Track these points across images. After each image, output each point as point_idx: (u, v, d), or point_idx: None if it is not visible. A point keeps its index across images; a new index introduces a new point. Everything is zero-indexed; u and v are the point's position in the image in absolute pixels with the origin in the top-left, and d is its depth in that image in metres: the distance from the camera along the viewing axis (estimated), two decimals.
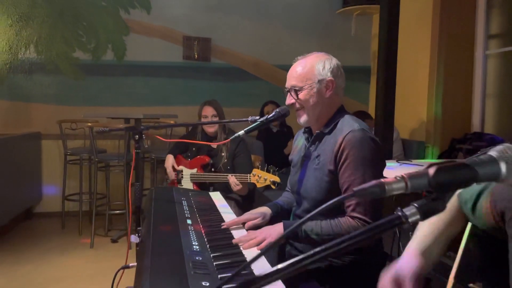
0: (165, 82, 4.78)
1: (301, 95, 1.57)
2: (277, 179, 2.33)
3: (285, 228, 1.46)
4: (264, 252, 0.71)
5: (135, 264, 1.44)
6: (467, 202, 0.92)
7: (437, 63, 3.96)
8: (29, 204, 4.40)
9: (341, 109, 1.63)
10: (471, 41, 3.90)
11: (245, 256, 1.33)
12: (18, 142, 4.04)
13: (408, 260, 0.88)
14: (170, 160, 3.03)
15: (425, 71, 4.07)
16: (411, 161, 2.58)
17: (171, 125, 3.26)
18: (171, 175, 2.98)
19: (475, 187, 0.91)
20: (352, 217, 1.44)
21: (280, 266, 0.55)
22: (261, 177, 2.39)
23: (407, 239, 1.89)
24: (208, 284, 1.07)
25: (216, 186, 2.86)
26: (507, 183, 0.55)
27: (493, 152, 0.56)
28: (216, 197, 2.14)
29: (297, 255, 1.63)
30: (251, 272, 1.18)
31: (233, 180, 2.61)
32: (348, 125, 1.52)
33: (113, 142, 4.59)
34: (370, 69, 5.13)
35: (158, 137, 2.22)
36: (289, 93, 1.62)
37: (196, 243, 1.37)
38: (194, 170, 2.94)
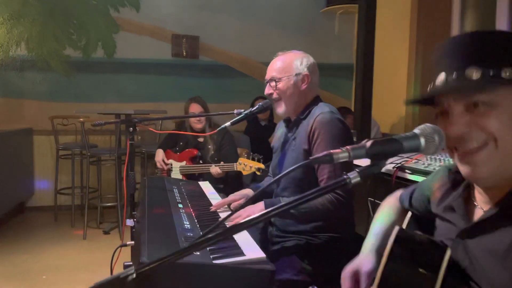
0: (154, 79, 4.91)
1: (280, 85, 1.74)
2: (261, 165, 2.50)
3: (265, 205, 1.63)
4: (250, 223, 0.80)
5: (132, 242, 1.60)
6: (405, 201, 1.13)
7: (415, 61, 4.16)
8: (21, 199, 4.50)
9: (316, 98, 1.80)
10: (446, 38, 4.10)
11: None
12: (10, 138, 4.14)
13: (365, 258, 1.03)
14: (160, 154, 3.18)
15: (404, 69, 4.27)
16: None
17: (163, 118, 3.41)
18: (162, 168, 3.13)
19: (409, 190, 1.12)
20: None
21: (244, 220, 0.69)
22: (247, 165, 2.55)
23: None
24: (198, 253, 1.23)
25: (204, 177, 3.02)
26: (427, 154, 0.73)
27: (416, 129, 0.73)
28: (205, 185, 2.30)
29: (278, 235, 1.81)
30: (237, 245, 1.35)
31: (215, 170, 2.81)
32: (319, 109, 1.70)
33: (103, 137, 4.71)
34: (353, 66, 5.32)
35: (151, 129, 2.36)
36: (268, 84, 1.79)
37: (187, 223, 1.53)
38: (183, 163, 3.09)
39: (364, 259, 1.03)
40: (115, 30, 4.78)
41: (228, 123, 1.74)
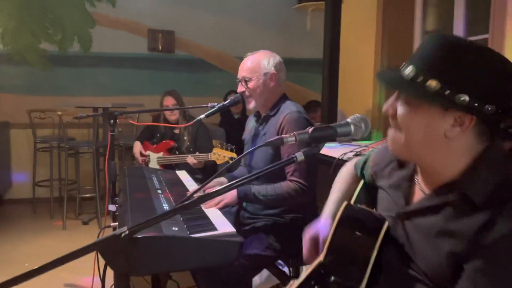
0: (130, 73, 5.01)
1: (250, 85, 1.92)
2: (234, 155, 2.66)
3: (238, 191, 1.81)
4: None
5: (116, 224, 1.76)
6: (358, 168, 1.28)
7: (380, 55, 4.40)
8: None
9: (283, 96, 1.99)
10: (410, 36, 4.34)
11: (206, 213, 1.68)
12: None
13: (323, 224, 1.20)
14: (137, 146, 3.31)
15: (371, 64, 4.50)
16: (351, 142, 2.97)
17: (142, 111, 3.52)
18: (139, 159, 3.27)
19: (363, 158, 1.27)
20: (291, 181, 1.81)
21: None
22: (221, 155, 2.72)
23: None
24: (177, 228, 1.41)
25: (180, 167, 3.18)
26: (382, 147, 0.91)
27: (348, 119, 0.92)
28: (182, 174, 2.47)
29: (249, 217, 2.01)
30: (211, 222, 1.53)
31: (191, 160, 2.98)
32: (287, 108, 1.89)
33: (81, 130, 4.78)
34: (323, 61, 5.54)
35: (131, 121, 2.50)
36: (240, 83, 1.97)
37: (166, 205, 1.70)
38: (160, 154, 3.24)
39: (322, 225, 1.19)
40: (91, 24, 4.86)
41: (202, 116, 1.91)
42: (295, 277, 1.94)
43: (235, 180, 0.90)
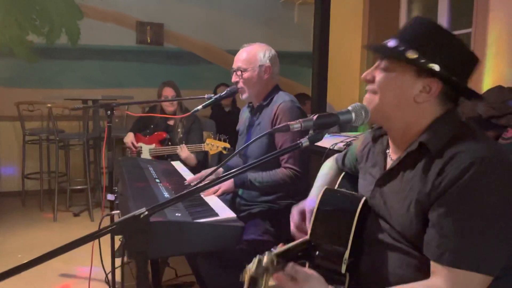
0: (119, 65, 5.01)
1: (245, 75, 1.98)
2: (227, 145, 2.73)
3: (235, 180, 1.88)
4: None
5: (117, 211, 1.81)
6: (339, 161, 1.42)
7: (366, 51, 4.49)
8: None
9: (276, 87, 2.05)
10: (395, 29, 4.43)
11: (206, 200, 1.74)
12: None
13: (309, 200, 1.31)
14: (130, 136, 3.33)
15: (357, 58, 4.60)
16: (341, 133, 3.07)
17: (141, 102, 3.52)
18: (131, 149, 3.28)
19: (343, 152, 1.41)
20: (286, 167, 1.89)
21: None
22: (214, 145, 2.77)
23: None
24: (180, 214, 1.47)
25: (173, 158, 3.23)
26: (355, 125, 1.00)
27: (349, 107, 0.99)
28: (177, 164, 2.52)
29: (245, 204, 2.08)
30: (211, 208, 1.60)
31: (185, 153, 3.01)
32: (281, 98, 1.96)
33: (69, 123, 4.76)
34: (312, 55, 5.61)
35: (128, 112, 2.53)
36: (235, 73, 2.03)
37: (166, 193, 1.76)
38: (153, 146, 3.28)
39: (308, 201, 1.31)
40: (79, 16, 4.83)
41: (200, 106, 1.97)
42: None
43: (236, 169, 0.96)
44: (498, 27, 2.91)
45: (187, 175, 2.22)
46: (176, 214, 1.46)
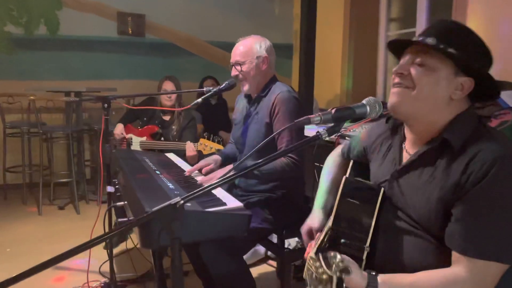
0: (100, 57, 4.94)
1: (244, 68, 2.04)
2: (221, 147, 2.74)
3: (234, 167, 1.93)
4: (224, 180, 1.07)
5: (123, 203, 1.84)
6: (345, 152, 1.49)
7: (348, 43, 4.60)
8: None
9: (273, 78, 2.12)
10: (375, 24, 4.57)
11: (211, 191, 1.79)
12: None
13: (315, 217, 1.38)
14: (119, 127, 3.31)
15: (339, 50, 4.70)
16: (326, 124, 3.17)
17: (138, 95, 3.44)
18: (120, 139, 3.25)
19: (347, 143, 1.47)
20: (286, 157, 1.95)
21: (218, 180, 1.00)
22: (207, 146, 2.79)
23: None
24: (190, 204, 1.51)
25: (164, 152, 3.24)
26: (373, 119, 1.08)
27: (364, 101, 1.07)
28: (172, 156, 2.55)
29: (243, 194, 2.15)
30: (218, 198, 1.65)
31: (190, 151, 2.98)
32: (278, 88, 2.02)
33: (50, 115, 4.69)
34: (292, 46, 5.69)
35: (125, 104, 2.54)
36: (233, 67, 2.08)
37: (170, 184, 1.79)
38: (144, 138, 3.29)
39: (315, 218, 1.38)
40: (58, 6, 4.73)
41: (199, 100, 2.01)
42: (282, 246, 2.11)
43: (251, 165, 1.03)
44: (476, 20, 3.04)
45: (184, 166, 2.27)
46: (187, 204, 1.50)
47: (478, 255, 0.96)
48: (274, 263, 2.88)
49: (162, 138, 3.27)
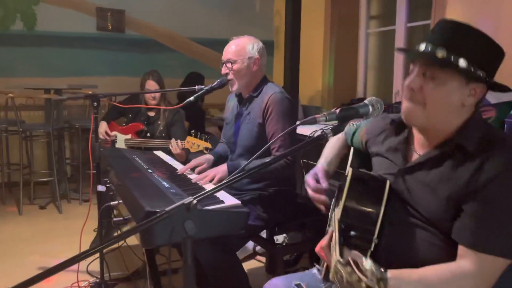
0: (79, 53, 4.85)
1: (235, 67, 2.06)
2: (208, 145, 2.74)
3: (228, 167, 1.96)
4: (227, 183, 1.04)
5: (116, 202, 1.83)
6: (348, 137, 1.51)
7: (329, 40, 4.66)
8: None
9: (264, 78, 2.14)
10: (356, 21, 4.64)
11: (206, 189, 1.81)
12: None
13: (320, 166, 1.45)
14: (103, 125, 3.28)
15: (320, 47, 4.76)
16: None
17: (129, 93, 3.38)
18: (105, 138, 3.21)
19: (352, 128, 1.49)
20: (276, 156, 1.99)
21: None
22: (195, 144, 2.77)
23: None
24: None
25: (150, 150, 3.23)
26: (374, 117, 1.12)
27: (366, 101, 1.10)
28: (161, 154, 2.55)
29: (235, 193, 2.16)
30: (216, 196, 1.67)
31: (175, 149, 2.97)
32: (271, 89, 2.05)
33: (29, 113, 4.59)
34: (273, 43, 5.72)
35: (114, 103, 2.51)
36: (224, 65, 2.09)
37: (165, 183, 1.80)
38: (129, 136, 3.26)
39: (319, 166, 1.45)
40: (35, 1, 4.61)
41: (192, 98, 2.01)
42: (274, 242, 2.14)
43: (258, 164, 1.05)
44: (455, 18, 3.14)
45: (175, 164, 2.27)
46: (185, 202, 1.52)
47: (487, 250, 1.00)
48: (262, 259, 2.92)
49: (148, 135, 3.25)
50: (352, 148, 1.47)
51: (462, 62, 1.04)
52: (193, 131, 2.80)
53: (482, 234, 1.01)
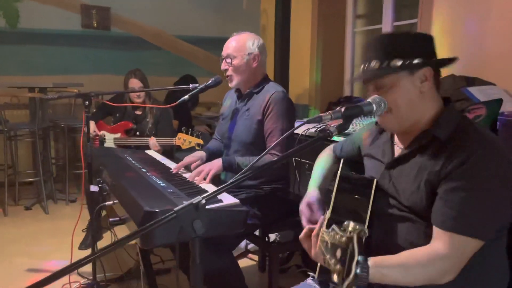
0: (64, 51, 4.76)
1: (234, 62, 2.05)
2: (200, 141, 2.73)
3: (223, 162, 1.95)
4: (234, 182, 1.06)
5: (111, 202, 1.81)
6: (337, 151, 1.58)
7: (316, 39, 4.68)
8: None
9: (266, 77, 2.15)
10: (342, 20, 4.67)
11: (201, 186, 1.80)
12: None
13: (312, 193, 1.46)
14: (91, 125, 3.23)
15: (307, 45, 4.77)
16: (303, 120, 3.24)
17: (120, 92, 3.32)
18: (93, 137, 3.16)
19: (340, 142, 1.58)
20: (271, 154, 1.99)
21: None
22: (186, 140, 2.76)
23: (305, 182, 2.53)
24: (187, 203, 1.52)
25: (139, 148, 3.20)
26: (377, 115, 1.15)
27: (370, 99, 1.12)
28: (153, 153, 2.53)
29: (231, 191, 2.13)
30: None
31: (153, 142, 2.99)
32: (273, 88, 2.06)
33: (11, 112, 4.48)
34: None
35: (107, 101, 2.48)
36: (224, 60, 2.08)
37: (161, 182, 1.78)
38: (118, 135, 3.22)
39: (312, 194, 1.46)
40: None
41: (186, 96, 2.00)
42: (268, 241, 2.15)
43: (265, 163, 1.07)
44: (441, 18, 3.19)
45: (167, 162, 2.26)
46: (184, 202, 1.51)
47: (454, 229, 1.04)
48: (254, 257, 2.92)
49: (138, 133, 3.22)
50: (341, 160, 1.52)
51: (396, 61, 1.13)
52: (184, 127, 2.78)
53: (452, 215, 1.05)
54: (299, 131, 2.54)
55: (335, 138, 2.43)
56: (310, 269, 2.68)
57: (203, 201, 0.95)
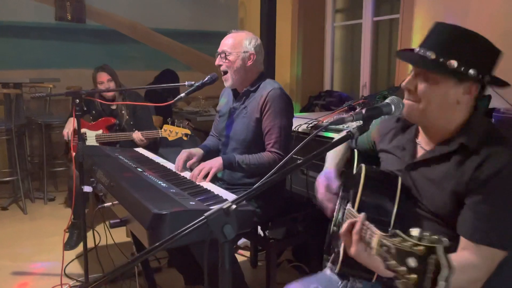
0: (37, 44, 4.59)
1: (229, 58, 2.03)
2: (188, 131, 2.70)
3: (223, 160, 1.94)
4: (256, 188, 1.06)
5: (110, 203, 1.76)
6: (351, 142, 1.57)
7: (297, 33, 4.70)
8: None
9: (262, 75, 2.13)
10: (322, 15, 4.71)
11: (202, 185, 1.78)
12: None
13: (328, 171, 1.49)
14: (71, 124, 3.13)
15: (288, 40, 4.78)
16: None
17: (120, 89, 3.21)
18: (69, 137, 3.06)
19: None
20: (270, 151, 2.00)
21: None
22: (172, 131, 2.72)
23: (297, 179, 2.55)
24: (194, 203, 1.50)
25: (122, 144, 3.13)
26: (392, 116, 1.15)
27: (388, 100, 1.13)
28: (142, 151, 2.47)
29: (227, 188, 2.16)
30: (218, 195, 1.66)
31: (138, 136, 2.95)
32: (270, 85, 2.05)
33: None
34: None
35: (99, 100, 2.40)
36: (219, 56, 2.06)
37: (161, 182, 1.75)
38: (100, 132, 3.14)
39: (328, 173, 1.49)
40: None
41: (183, 94, 1.96)
42: (267, 238, 2.16)
43: (279, 171, 1.06)
44: (423, 14, 3.26)
45: (160, 160, 2.22)
46: (191, 203, 1.50)
47: (484, 241, 1.06)
48: (245, 253, 2.93)
49: (118, 128, 3.15)
50: (356, 151, 1.51)
51: (452, 64, 1.10)
52: (169, 118, 2.74)
53: (482, 228, 1.06)
54: (299, 129, 2.56)
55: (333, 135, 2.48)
56: (302, 263, 2.72)
57: (233, 206, 0.94)
